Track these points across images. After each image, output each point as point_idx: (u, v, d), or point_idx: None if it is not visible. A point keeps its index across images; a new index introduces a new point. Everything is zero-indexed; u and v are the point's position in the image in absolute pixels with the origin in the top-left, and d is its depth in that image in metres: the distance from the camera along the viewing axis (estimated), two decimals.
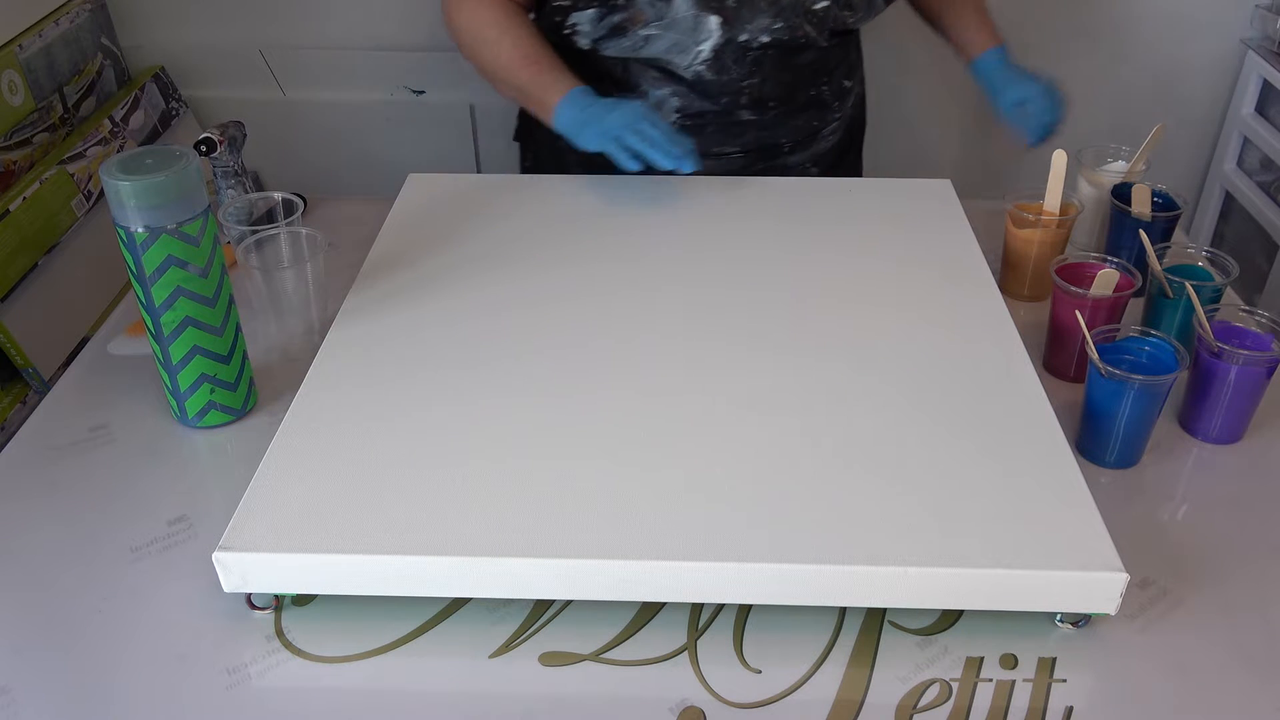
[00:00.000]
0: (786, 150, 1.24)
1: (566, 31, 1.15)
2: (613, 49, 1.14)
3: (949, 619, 0.73)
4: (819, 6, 1.13)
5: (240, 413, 0.90)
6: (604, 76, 1.19)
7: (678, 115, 1.19)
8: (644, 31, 1.12)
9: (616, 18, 1.12)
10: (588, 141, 1.08)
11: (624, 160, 1.05)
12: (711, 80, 1.15)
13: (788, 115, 1.22)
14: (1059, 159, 1.04)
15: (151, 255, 0.79)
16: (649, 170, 1.06)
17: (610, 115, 1.07)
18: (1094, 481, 0.76)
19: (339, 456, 0.77)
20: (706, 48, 1.13)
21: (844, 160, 1.33)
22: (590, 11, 1.13)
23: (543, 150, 1.32)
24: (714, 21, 1.11)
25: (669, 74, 1.16)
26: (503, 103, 1.81)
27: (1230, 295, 1.00)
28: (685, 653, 0.71)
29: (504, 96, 1.18)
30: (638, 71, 1.17)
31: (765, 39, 1.12)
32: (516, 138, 1.41)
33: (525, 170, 1.40)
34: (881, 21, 1.22)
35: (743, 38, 1.12)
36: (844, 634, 0.72)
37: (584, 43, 1.15)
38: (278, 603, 0.75)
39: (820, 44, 1.17)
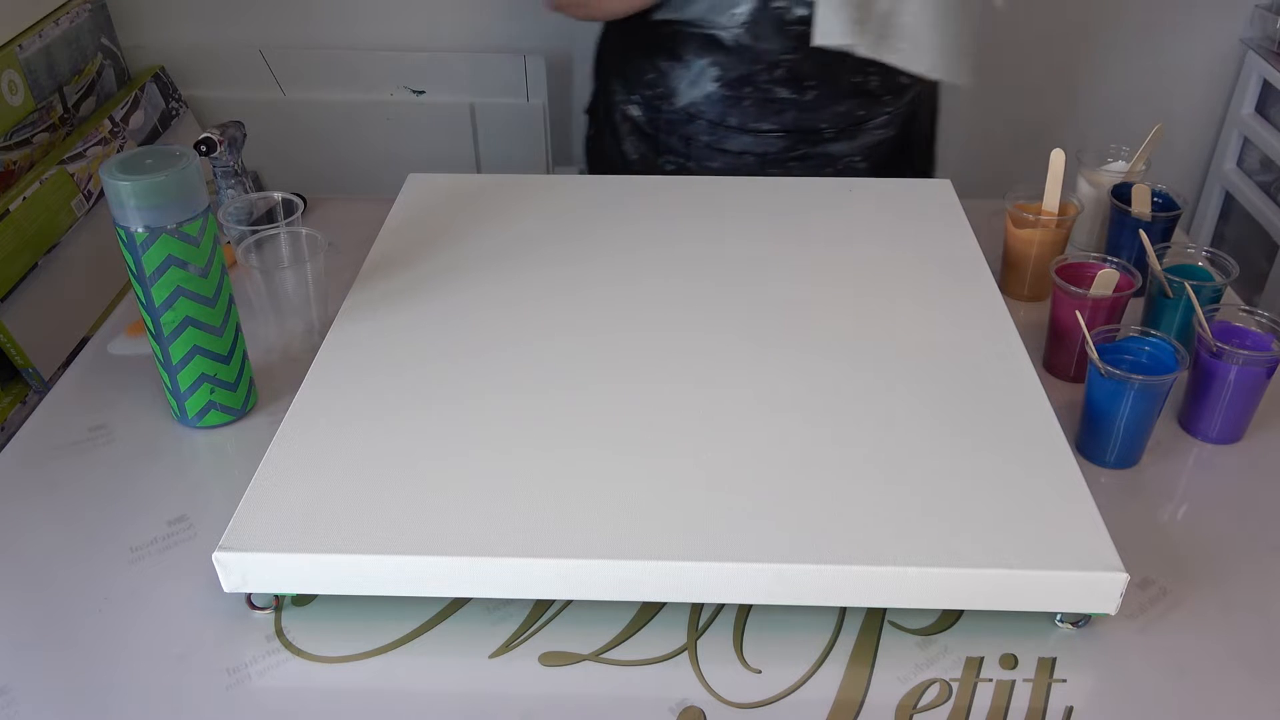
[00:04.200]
0: (829, 138, 1.23)
1: None
2: (663, 11, 1.15)
3: (949, 619, 0.73)
4: None
5: (240, 413, 0.90)
6: (659, 48, 1.20)
7: (716, 84, 1.19)
8: None
9: None
10: None
11: None
12: (749, 47, 1.15)
13: (829, 100, 1.21)
14: (1057, 158, 1.04)
15: (151, 255, 0.80)
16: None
17: None
18: (1094, 481, 0.76)
19: (339, 456, 0.77)
20: (743, 10, 1.13)
21: (898, 160, 1.32)
22: None
23: (606, 129, 1.34)
24: None
25: (711, 40, 1.16)
26: (503, 102, 1.81)
27: (1230, 295, 1.00)
28: (685, 653, 0.71)
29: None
30: (683, 39, 1.18)
31: (802, 12, 1.12)
32: (588, 110, 1.43)
33: (589, 142, 1.43)
34: None
35: (777, 5, 1.12)
36: (844, 634, 0.72)
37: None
38: (278, 603, 0.75)
39: None
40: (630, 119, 1.27)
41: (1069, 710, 0.67)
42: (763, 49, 1.16)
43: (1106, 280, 0.92)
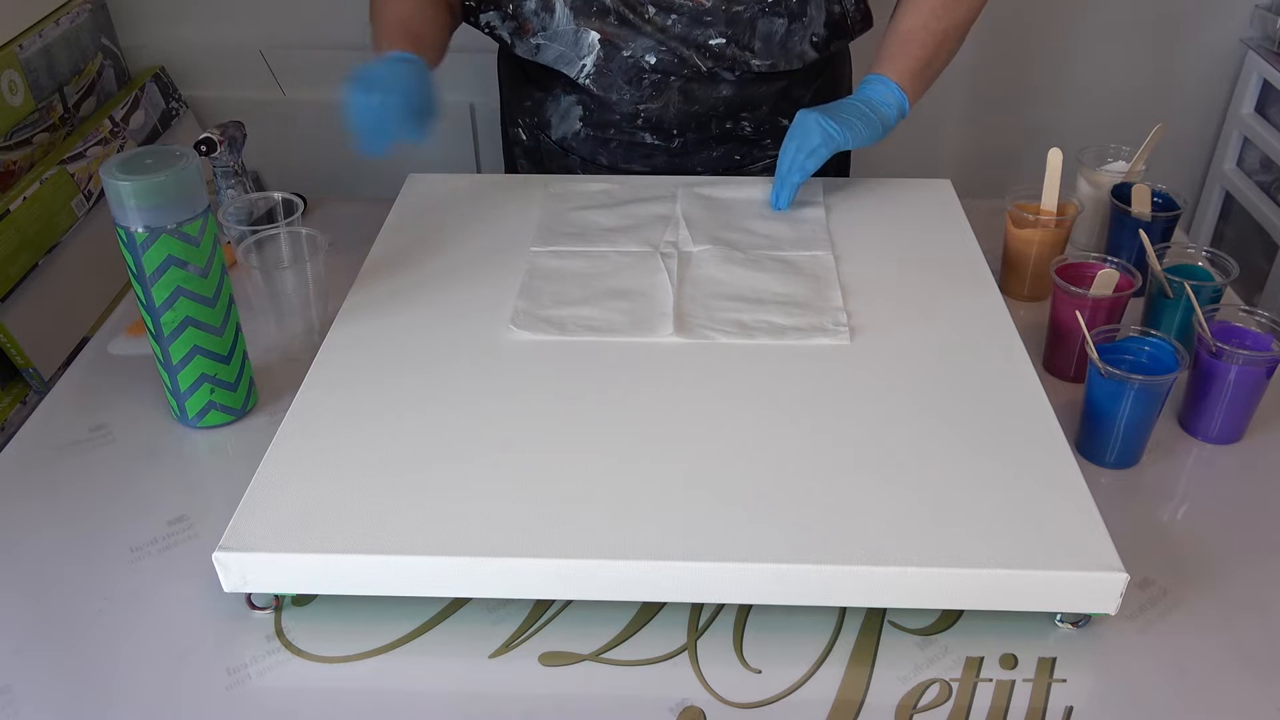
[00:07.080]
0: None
1: (486, 30, 1.15)
2: (520, 50, 1.14)
3: (949, 619, 0.73)
4: (714, 42, 1.09)
5: (240, 413, 0.90)
6: (533, 78, 1.19)
7: (581, 124, 1.18)
8: (534, 40, 1.12)
9: (511, 25, 1.12)
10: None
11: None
12: (603, 97, 1.14)
13: (698, 146, 1.19)
14: (1054, 157, 1.03)
15: (151, 255, 0.80)
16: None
17: (367, 73, 1.06)
18: (1094, 481, 0.76)
19: (339, 456, 0.77)
20: (589, 62, 1.12)
21: None
22: (494, 13, 1.12)
23: (505, 146, 1.33)
24: (593, 37, 1.10)
25: (571, 82, 1.15)
26: None
27: (1230, 295, 1.00)
28: (685, 653, 0.71)
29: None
30: (550, 75, 1.16)
31: (652, 60, 1.10)
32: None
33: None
34: (880, 22, 1.22)
35: (626, 53, 1.10)
36: (844, 634, 0.72)
37: (506, 42, 1.15)
38: (278, 603, 0.75)
39: (726, 78, 1.13)
40: (519, 142, 1.26)
41: (1069, 710, 0.67)
42: (618, 99, 1.14)
43: (1106, 280, 0.92)
